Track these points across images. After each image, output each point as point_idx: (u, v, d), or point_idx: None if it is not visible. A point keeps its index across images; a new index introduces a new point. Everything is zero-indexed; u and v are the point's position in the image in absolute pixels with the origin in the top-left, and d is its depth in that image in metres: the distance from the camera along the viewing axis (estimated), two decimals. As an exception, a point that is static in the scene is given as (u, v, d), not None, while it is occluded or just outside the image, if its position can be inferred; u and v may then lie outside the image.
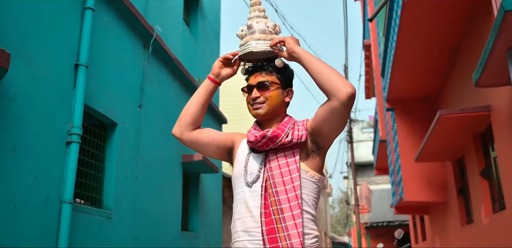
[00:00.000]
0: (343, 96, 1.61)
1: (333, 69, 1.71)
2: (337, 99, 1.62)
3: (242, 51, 1.88)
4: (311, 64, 1.73)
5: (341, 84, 1.62)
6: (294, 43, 1.79)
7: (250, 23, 1.88)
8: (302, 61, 1.75)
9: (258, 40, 1.86)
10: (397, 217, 17.09)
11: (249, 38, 1.87)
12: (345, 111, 1.65)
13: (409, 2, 5.09)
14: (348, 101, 1.62)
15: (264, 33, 1.87)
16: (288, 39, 1.81)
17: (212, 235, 7.64)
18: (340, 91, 1.61)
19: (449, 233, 7.08)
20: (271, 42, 1.84)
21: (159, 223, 5.61)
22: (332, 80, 1.65)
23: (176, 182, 6.41)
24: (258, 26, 1.87)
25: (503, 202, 4.63)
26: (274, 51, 1.86)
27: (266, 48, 1.85)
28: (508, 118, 4.44)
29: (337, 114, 1.66)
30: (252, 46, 1.85)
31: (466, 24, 5.57)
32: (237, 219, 1.76)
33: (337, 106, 1.63)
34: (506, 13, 3.03)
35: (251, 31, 1.88)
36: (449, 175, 6.97)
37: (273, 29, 1.90)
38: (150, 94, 5.95)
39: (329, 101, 1.66)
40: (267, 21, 1.91)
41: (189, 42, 7.98)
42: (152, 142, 5.79)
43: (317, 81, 1.70)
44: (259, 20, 1.90)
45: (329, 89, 1.65)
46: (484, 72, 3.89)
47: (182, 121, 1.93)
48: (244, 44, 1.89)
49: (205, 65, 8.81)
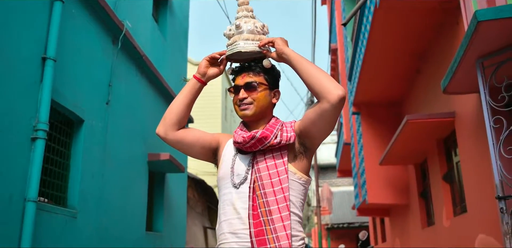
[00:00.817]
0: (334, 99, 1.61)
1: (323, 71, 1.72)
2: (328, 101, 1.63)
3: (230, 51, 1.86)
4: (301, 65, 1.72)
5: (332, 87, 1.63)
6: (283, 44, 1.79)
7: (238, 22, 1.86)
8: (292, 62, 1.75)
9: (246, 40, 1.84)
10: (357, 218, 17.46)
11: (237, 38, 1.85)
12: (335, 113, 1.66)
13: (381, 8, 5.20)
14: (338, 104, 1.62)
15: (253, 33, 1.85)
16: (277, 40, 1.80)
17: (176, 236, 7.54)
18: (331, 93, 1.62)
19: (410, 235, 7.28)
20: (260, 42, 1.83)
21: (124, 223, 5.48)
22: (323, 82, 1.65)
23: (142, 181, 6.28)
24: (246, 26, 1.86)
25: (464, 205, 4.80)
26: (262, 52, 1.84)
27: (255, 48, 1.83)
28: (471, 124, 4.61)
29: (327, 116, 1.66)
30: (241, 46, 1.83)
31: (433, 32, 5.75)
32: (223, 220, 1.74)
33: (328, 108, 1.64)
34: (478, 24, 3.14)
35: (239, 31, 1.86)
36: (411, 178, 7.17)
37: (261, 30, 1.89)
38: (118, 91, 5.81)
39: (319, 103, 1.66)
40: (256, 21, 1.89)
41: (158, 39, 7.85)
42: (118, 140, 5.65)
43: (308, 83, 1.70)
44: (248, 20, 1.88)
45: (319, 91, 1.65)
46: (453, 79, 4.02)
47: (167, 120, 1.88)
48: (232, 44, 1.87)
49: (173, 63, 8.70)
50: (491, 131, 3.35)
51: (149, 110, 6.90)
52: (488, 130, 3.38)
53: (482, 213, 4.24)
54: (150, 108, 6.98)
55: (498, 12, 3.10)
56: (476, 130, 4.47)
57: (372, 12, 5.55)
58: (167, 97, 7.74)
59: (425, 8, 5.22)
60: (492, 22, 3.12)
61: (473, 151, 4.48)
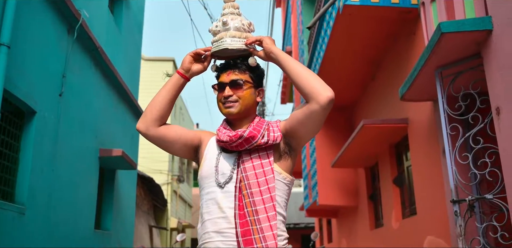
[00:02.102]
0: (324, 100, 1.63)
1: (311, 71, 1.73)
2: (317, 103, 1.64)
3: (216, 48, 1.83)
4: (289, 65, 1.73)
5: (321, 88, 1.64)
6: (271, 43, 1.79)
7: (225, 19, 1.84)
8: (280, 62, 1.75)
9: (233, 37, 1.82)
10: (303, 219, 17.78)
11: (223, 34, 1.83)
12: (324, 115, 1.68)
13: (343, 14, 5.33)
14: (328, 105, 1.64)
15: (239, 31, 1.84)
16: (265, 39, 1.79)
17: (124, 235, 7.33)
18: (321, 94, 1.63)
19: (358, 236, 7.50)
20: (247, 40, 1.81)
21: (73, 220, 5.26)
22: (312, 84, 1.66)
23: (92, 178, 6.06)
24: (233, 23, 1.84)
25: (414, 208, 5.01)
26: (249, 50, 1.83)
27: (241, 46, 1.82)
28: (424, 131, 4.83)
29: (315, 117, 1.68)
30: (227, 43, 1.81)
31: (390, 40, 5.97)
32: (207, 220, 1.70)
33: (317, 109, 1.65)
34: (442, 35, 3.29)
35: (226, 27, 1.84)
36: (361, 181, 7.40)
37: (248, 27, 1.88)
38: (72, 82, 5.57)
39: (308, 104, 1.67)
40: (242, 19, 1.88)
41: (113, 32, 7.61)
42: (70, 134, 5.42)
43: (296, 83, 1.70)
44: (234, 17, 1.87)
45: (309, 92, 1.66)
46: (411, 87, 4.19)
47: (148, 116, 1.83)
48: (218, 41, 1.84)
49: (127, 57, 8.46)
50: (448, 138, 3.53)
51: (101, 105, 6.67)
52: (444, 137, 3.55)
53: (431, 215, 4.45)
54: (103, 103, 6.75)
55: (460, 25, 3.27)
56: (428, 137, 4.68)
57: (333, 18, 5.67)
58: (120, 92, 7.52)
59: (384, 17, 5.41)
60: (454, 34, 3.28)
61: (425, 157, 4.68)
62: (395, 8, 5.13)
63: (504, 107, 3.04)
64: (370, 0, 5.12)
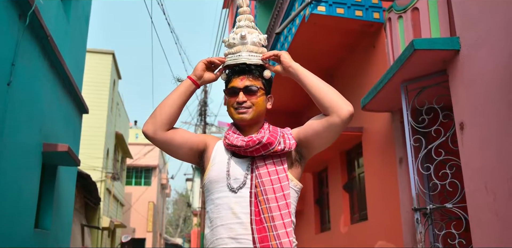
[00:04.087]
0: (345, 114, 1.68)
1: (330, 86, 1.77)
2: (338, 116, 1.68)
3: (233, 60, 1.85)
4: (309, 80, 1.76)
5: (343, 102, 1.70)
6: (290, 58, 1.82)
7: (244, 33, 1.85)
8: (300, 76, 1.77)
9: (250, 51, 1.86)
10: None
11: (241, 48, 1.86)
12: (342, 128, 1.73)
13: (308, 22, 5.45)
14: (348, 119, 1.69)
15: (256, 46, 1.88)
16: (283, 54, 1.82)
17: (62, 234, 6.95)
18: (342, 108, 1.68)
19: (303, 239, 7.66)
20: (263, 55, 1.84)
21: (13, 219, 4.91)
22: (333, 98, 1.71)
23: (35, 174, 5.70)
24: (251, 38, 1.87)
25: (364, 213, 5.22)
26: (264, 65, 1.86)
27: (258, 61, 1.86)
28: (379, 140, 5.05)
29: (334, 129, 1.72)
30: (245, 57, 1.84)
31: (348, 51, 6.18)
32: (220, 225, 1.68)
33: (337, 123, 1.69)
34: (414, 51, 3.47)
35: (243, 41, 1.86)
36: (308, 186, 7.57)
37: (263, 42, 1.91)
38: (20, 71, 5.21)
39: (328, 117, 1.71)
40: (259, 34, 1.91)
41: (62, 20, 7.22)
42: (16, 126, 5.07)
43: (316, 97, 1.73)
44: (251, 31, 1.90)
45: (330, 106, 1.70)
46: (374, 98, 4.38)
47: (158, 120, 1.78)
48: (234, 53, 1.86)
49: (73, 48, 8.07)
50: (411, 149, 3.72)
51: (48, 97, 6.30)
52: (408, 148, 3.73)
53: (383, 222, 4.65)
54: (49, 95, 6.38)
55: (432, 44, 3.47)
56: (383, 146, 4.90)
57: (297, 25, 5.78)
58: (65, 84, 7.14)
59: (347, 28, 5.60)
60: (425, 51, 3.48)
61: (379, 165, 4.89)
62: (358, 21, 5.33)
63: (468, 122, 3.26)
64: (336, 11, 5.28)
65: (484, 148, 3.06)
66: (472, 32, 3.34)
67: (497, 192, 2.87)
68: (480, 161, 3.08)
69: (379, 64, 5.24)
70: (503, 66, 2.98)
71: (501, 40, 3.01)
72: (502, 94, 2.97)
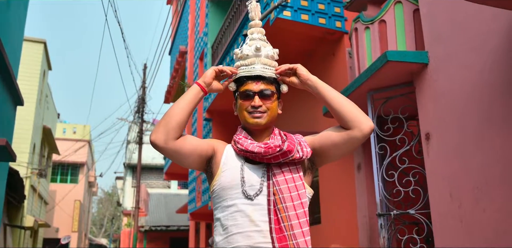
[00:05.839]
0: (367, 130, 1.71)
1: (349, 100, 1.79)
2: (360, 131, 1.71)
3: (247, 72, 1.84)
4: (328, 93, 1.77)
5: (364, 118, 1.73)
6: (307, 71, 1.82)
7: (259, 45, 1.85)
8: (319, 89, 1.77)
9: (264, 64, 1.85)
10: (174, 222, 17.53)
11: (255, 60, 1.85)
12: (362, 142, 1.76)
13: (272, 26, 5.47)
14: (369, 134, 1.73)
15: (269, 59, 1.87)
16: (299, 67, 1.82)
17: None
18: (364, 123, 1.71)
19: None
20: (280, 68, 1.83)
21: None
22: (354, 112, 1.73)
23: (-32, 169, 5.22)
24: (265, 51, 1.87)
25: (317, 217, 5.32)
26: (277, 79, 1.86)
27: (272, 74, 1.85)
28: (335, 146, 5.17)
29: (353, 143, 1.74)
30: (259, 70, 1.83)
31: (307, 57, 6.29)
32: (237, 232, 1.63)
33: (358, 137, 1.72)
34: (387, 62, 3.60)
35: (258, 53, 1.85)
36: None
37: (276, 56, 1.91)
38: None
39: (350, 131, 1.72)
40: (271, 47, 1.91)
41: (1, 6, 6.70)
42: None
43: (337, 111, 1.74)
44: (264, 44, 1.90)
45: (351, 120, 1.71)
46: (338, 105, 4.48)
47: (170, 129, 1.70)
48: (248, 65, 1.84)
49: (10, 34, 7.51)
50: (376, 156, 3.85)
51: (-14, 85, 5.81)
52: (373, 155, 3.86)
53: (337, 226, 4.77)
54: (-13, 83, 5.88)
55: (403, 56, 3.61)
56: (340, 152, 5.03)
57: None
58: (2, 73, 6.62)
59: (308, 35, 5.69)
60: (397, 63, 3.62)
61: (335, 170, 5.02)
62: (321, 28, 5.44)
63: (434, 133, 3.43)
64: (300, 17, 5.35)
65: (450, 158, 3.24)
66: (441, 47, 3.52)
67: (463, 200, 3.04)
68: (445, 170, 3.26)
69: (339, 71, 5.38)
70: (471, 83, 3.17)
71: (470, 57, 3.20)
72: (469, 109, 3.16)
